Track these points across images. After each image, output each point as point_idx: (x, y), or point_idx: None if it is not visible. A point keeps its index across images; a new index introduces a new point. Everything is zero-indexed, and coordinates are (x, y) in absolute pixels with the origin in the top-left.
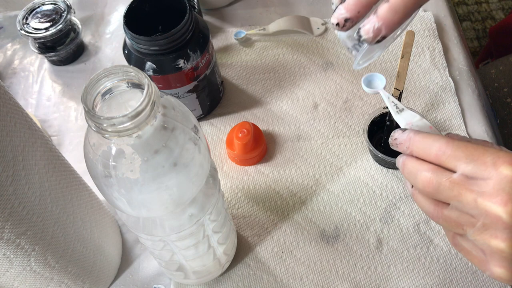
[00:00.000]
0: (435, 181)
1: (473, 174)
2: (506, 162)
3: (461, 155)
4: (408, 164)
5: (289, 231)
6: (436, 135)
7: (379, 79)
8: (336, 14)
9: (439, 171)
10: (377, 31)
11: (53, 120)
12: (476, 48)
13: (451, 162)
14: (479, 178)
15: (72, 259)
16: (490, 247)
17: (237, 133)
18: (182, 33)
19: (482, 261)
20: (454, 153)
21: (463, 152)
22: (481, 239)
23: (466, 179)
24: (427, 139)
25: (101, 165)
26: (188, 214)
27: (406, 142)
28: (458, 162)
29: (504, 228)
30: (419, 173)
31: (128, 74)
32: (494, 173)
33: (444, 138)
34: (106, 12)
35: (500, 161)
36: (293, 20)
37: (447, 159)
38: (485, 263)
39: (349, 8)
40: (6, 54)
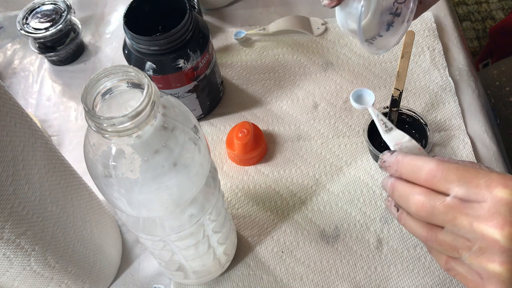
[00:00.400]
0: (428, 205)
1: (467, 197)
2: (500, 184)
3: (453, 177)
4: (398, 187)
5: (289, 231)
6: (425, 157)
7: (368, 95)
8: None
9: (432, 194)
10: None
11: (53, 120)
12: (476, 48)
13: (443, 185)
14: (473, 201)
15: (72, 259)
16: (487, 271)
17: (237, 133)
18: (182, 33)
19: (478, 285)
20: (445, 176)
21: (454, 175)
22: (477, 263)
23: (460, 202)
24: (416, 161)
25: (101, 165)
26: (188, 214)
27: (394, 165)
28: (450, 185)
29: (501, 252)
30: (411, 197)
31: (128, 74)
32: (489, 195)
33: (433, 161)
34: (106, 12)
35: (494, 183)
36: (293, 20)
37: (438, 181)
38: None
39: None
40: (6, 54)
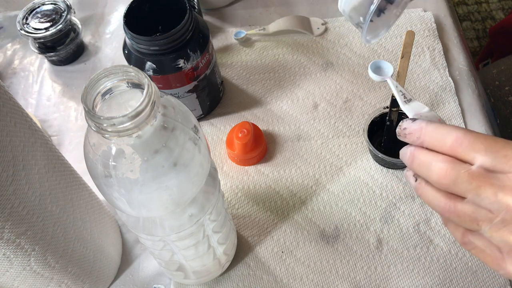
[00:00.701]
0: (452, 173)
1: (493, 167)
2: None
3: (480, 146)
4: (419, 155)
5: (289, 231)
6: (451, 126)
7: (387, 66)
8: None
9: (457, 162)
10: None
11: (53, 120)
12: (476, 48)
13: (468, 154)
14: (500, 171)
15: (72, 259)
16: (508, 244)
17: (237, 133)
18: (182, 33)
19: (496, 259)
20: (472, 144)
21: (482, 144)
22: (498, 236)
23: (485, 171)
24: (442, 129)
25: (101, 165)
26: (188, 214)
27: (416, 132)
28: (476, 153)
29: None
30: (434, 164)
31: (128, 74)
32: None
33: (460, 129)
34: (106, 12)
35: None
36: (293, 20)
37: (464, 150)
38: (501, 261)
39: None
40: (6, 54)
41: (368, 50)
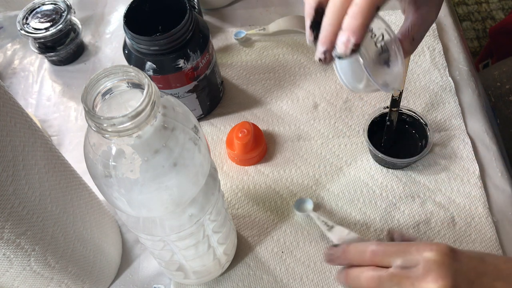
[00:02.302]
0: (376, 276)
1: (405, 264)
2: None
3: (391, 251)
4: (349, 272)
5: (289, 231)
6: (366, 242)
7: (308, 203)
8: (317, 53)
9: (377, 268)
10: (346, 42)
11: (53, 120)
12: (476, 48)
13: (385, 260)
14: (411, 266)
15: (72, 259)
16: None
17: (237, 133)
18: (182, 33)
19: None
20: (384, 252)
21: (392, 249)
22: None
23: (401, 269)
24: (360, 247)
25: (101, 165)
26: (188, 214)
27: (342, 255)
28: (390, 258)
29: None
30: (361, 274)
31: (128, 74)
32: (420, 259)
33: (374, 243)
34: (106, 12)
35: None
36: (293, 20)
37: (380, 258)
38: None
39: (322, 41)
40: (6, 54)
41: None
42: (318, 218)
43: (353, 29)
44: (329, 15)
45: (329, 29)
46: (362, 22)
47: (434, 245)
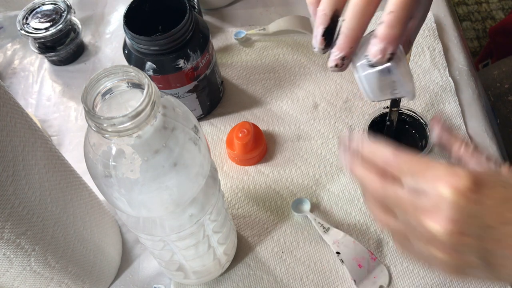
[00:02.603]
0: (382, 190)
1: (415, 188)
2: (445, 180)
3: (405, 168)
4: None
5: (289, 231)
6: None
7: (306, 203)
8: (331, 57)
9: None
10: (383, 50)
11: (53, 120)
12: (476, 48)
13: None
14: (421, 192)
15: (72, 259)
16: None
17: (237, 133)
18: (182, 33)
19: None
20: (399, 166)
21: (406, 165)
22: (425, 249)
23: (410, 191)
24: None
25: (101, 165)
26: (188, 214)
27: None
28: (403, 174)
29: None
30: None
31: (128, 74)
32: (433, 190)
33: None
34: (106, 12)
35: (439, 178)
36: (293, 20)
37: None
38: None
39: (341, 47)
40: (6, 54)
41: None
42: (314, 220)
43: (391, 39)
44: (351, 20)
45: (350, 35)
46: (399, 32)
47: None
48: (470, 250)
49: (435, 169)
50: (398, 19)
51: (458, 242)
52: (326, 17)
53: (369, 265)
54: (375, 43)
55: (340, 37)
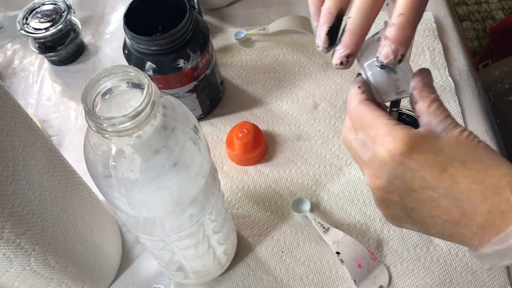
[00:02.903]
0: (343, 135)
1: (364, 140)
2: (379, 142)
3: (358, 122)
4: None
5: (289, 231)
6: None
7: (306, 203)
8: (336, 55)
9: (347, 128)
10: (395, 51)
11: (53, 120)
12: (476, 48)
13: (354, 124)
14: (366, 146)
15: (72, 259)
16: None
17: (237, 133)
18: (182, 33)
19: None
20: (355, 118)
21: (360, 119)
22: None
23: (360, 142)
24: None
25: (101, 165)
26: (188, 214)
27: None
28: (357, 127)
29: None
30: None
31: (128, 74)
32: (372, 147)
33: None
34: (106, 12)
35: (377, 138)
36: (293, 20)
37: (353, 122)
38: None
39: (347, 44)
40: (6, 54)
41: None
42: (314, 219)
43: (402, 40)
44: (357, 17)
45: (357, 32)
46: (410, 34)
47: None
48: (395, 206)
49: (378, 127)
50: (409, 21)
51: (383, 197)
52: (331, 15)
53: (369, 265)
54: (386, 44)
55: (345, 34)
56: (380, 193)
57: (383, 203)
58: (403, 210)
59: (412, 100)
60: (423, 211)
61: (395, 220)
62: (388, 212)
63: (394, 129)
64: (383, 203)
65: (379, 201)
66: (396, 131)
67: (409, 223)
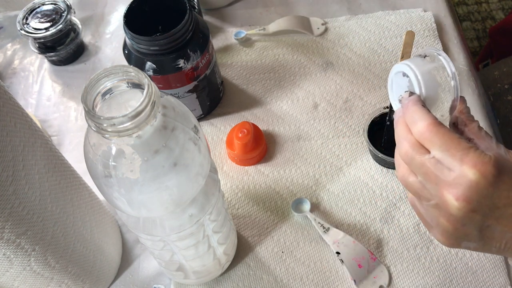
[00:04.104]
0: (410, 155)
1: (442, 161)
2: (471, 163)
3: (437, 142)
4: (399, 126)
5: (289, 231)
6: (427, 113)
7: (306, 203)
8: None
9: (416, 147)
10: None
11: (53, 120)
12: (476, 48)
13: (427, 144)
14: (445, 166)
15: (72, 259)
16: (437, 221)
17: (237, 133)
18: (182, 33)
19: (428, 225)
20: (431, 138)
21: (439, 140)
22: (432, 213)
23: (435, 162)
24: (415, 114)
25: (101, 165)
26: (188, 214)
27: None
28: (433, 147)
29: (450, 214)
30: (402, 141)
31: (128, 74)
32: (459, 168)
33: (427, 121)
34: (106, 12)
35: (466, 160)
36: (293, 20)
37: (424, 140)
38: (430, 228)
39: None
40: (6, 54)
41: (368, 50)
42: (314, 220)
43: None
44: None
45: None
46: None
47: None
48: (473, 224)
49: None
50: None
51: (466, 217)
52: None
53: (369, 265)
54: None
55: None
56: (465, 214)
57: (461, 222)
58: (478, 228)
59: (459, 123)
60: (498, 226)
61: (458, 238)
62: (459, 231)
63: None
64: (462, 222)
65: (458, 220)
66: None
67: (474, 239)
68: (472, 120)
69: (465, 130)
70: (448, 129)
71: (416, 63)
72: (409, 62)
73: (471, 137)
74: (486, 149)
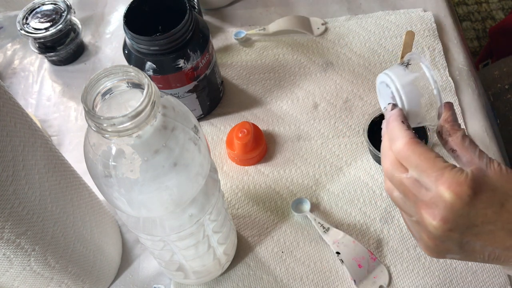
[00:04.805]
0: (389, 172)
1: (419, 180)
2: (445, 185)
3: (413, 162)
4: (383, 140)
5: (289, 231)
6: (405, 131)
7: (306, 203)
8: None
9: (395, 165)
10: None
11: (53, 120)
12: (476, 48)
13: (405, 163)
14: (423, 185)
15: (72, 259)
16: (420, 235)
17: (237, 133)
18: (182, 33)
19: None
20: (408, 157)
21: (415, 160)
22: (415, 228)
23: (413, 181)
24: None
25: (101, 165)
26: (188, 214)
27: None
28: (409, 166)
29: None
30: (384, 157)
31: (128, 74)
32: (434, 189)
33: (404, 139)
34: (106, 12)
35: (441, 180)
36: (293, 20)
37: (402, 159)
38: (416, 239)
39: None
40: (6, 54)
41: (368, 50)
42: (314, 220)
43: None
44: None
45: None
46: None
47: (455, 183)
48: (452, 241)
49: (441, 171)
50: None
51: (444, 235)
52: None
53: (369, 265)
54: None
55: None
56: (441, 232)
57: (440, 239)
58: (458, 244)
59: (443, 132)
60: (478, 242)
61: (440, 253)
62: (439, 247)
63: (455, 173)
64: (440, 239)
65: (437, 238)
66: (458, 174)
67: (456, 253)
68: (457, 130)
69: (449, 140)
70: (425, 147)
71: (397, 74)
72: (390, 73)
73: (454, 148)
74: (467, 162)
